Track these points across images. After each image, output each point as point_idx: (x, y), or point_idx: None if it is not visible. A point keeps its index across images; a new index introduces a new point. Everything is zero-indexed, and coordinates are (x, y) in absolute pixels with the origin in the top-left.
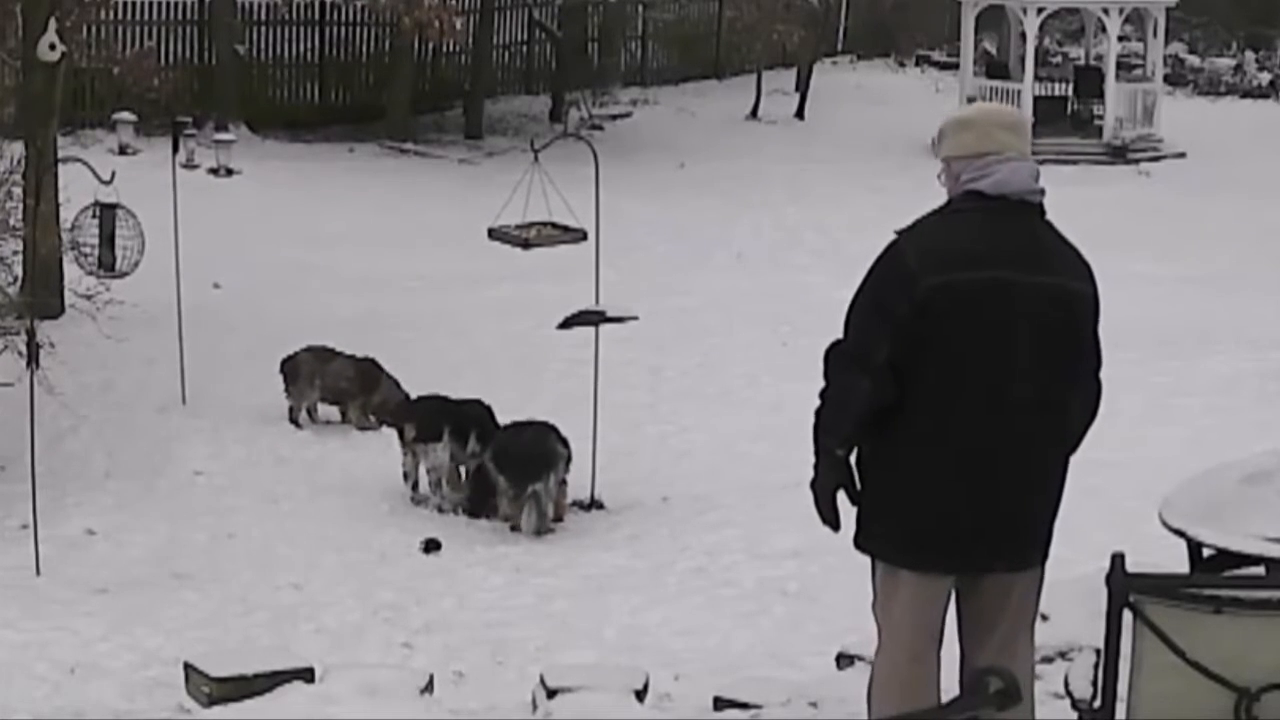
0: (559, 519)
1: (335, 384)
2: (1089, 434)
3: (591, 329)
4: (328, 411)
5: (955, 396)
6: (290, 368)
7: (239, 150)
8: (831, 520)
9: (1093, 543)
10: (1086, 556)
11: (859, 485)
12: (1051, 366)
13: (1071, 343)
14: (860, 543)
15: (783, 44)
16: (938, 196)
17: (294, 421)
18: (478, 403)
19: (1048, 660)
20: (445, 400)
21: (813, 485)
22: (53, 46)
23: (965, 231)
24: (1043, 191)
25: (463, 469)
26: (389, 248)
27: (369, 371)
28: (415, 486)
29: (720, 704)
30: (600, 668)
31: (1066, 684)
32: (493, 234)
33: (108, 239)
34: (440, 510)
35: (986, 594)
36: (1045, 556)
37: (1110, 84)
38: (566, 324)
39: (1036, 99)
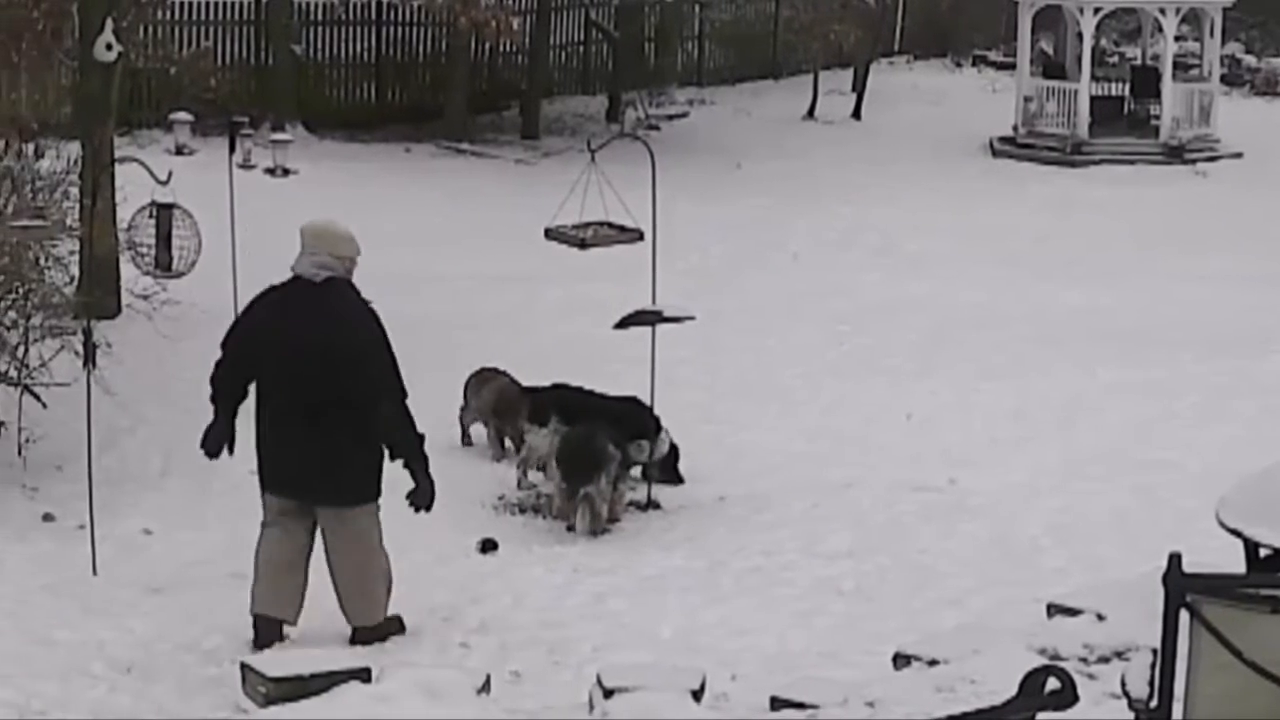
0: (615, 519)
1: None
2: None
3: (648, 329)
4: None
5: None
6: None
7: (296, 150)
8: None
9: (1149, 543)
10: (1143, 556)
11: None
12: None
13: None
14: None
15: (839, 44)
16: (994, 197)
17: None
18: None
19: (1104, 660)
20: (563, 389)
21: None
22: (109, 47)
23: None
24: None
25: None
26: (446, 248)
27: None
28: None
29: (777, 704)
30: (657, 668)
31: (1123, 684)
32: (550, 234)
33: (164, 239)
34: (519, 485)
35: None
36: None
37: (1167, 84)
38: (623, 324)
39: (1093, 99)
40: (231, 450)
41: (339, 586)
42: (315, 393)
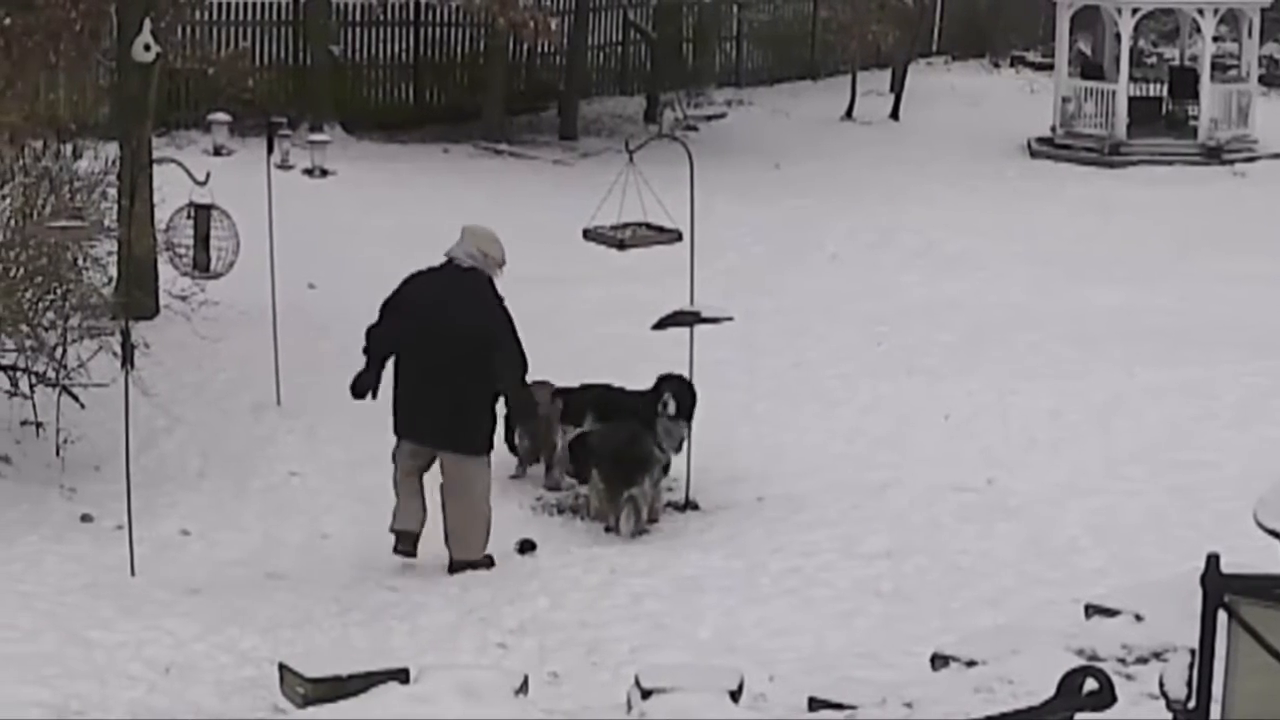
0: (654, 520)
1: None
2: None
3: (686, 330)
4: None
5: None
6: None
7: (334, 151)
8: None
9: (1187, 543)
10: (1181, 557)
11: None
12: None
13: None
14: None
15: (877, 44)
16: (1032, 198)
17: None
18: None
19: (1142, 661)
20: (600, 387)
21: None
22: (147, 47)
23: None
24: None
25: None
26: None
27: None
28: (522, 464)
29: (815, 704)
30: (695, 668)
31: (1161, 684)
32: (588, 235)
33: (202, 240)
34: (551, 489)
35: None
36: None
37: (1205, 84)
38: (661, 324)
39: (1131, 99)
40: (375, 395)
41: (447, 523)
42: (449, 357)
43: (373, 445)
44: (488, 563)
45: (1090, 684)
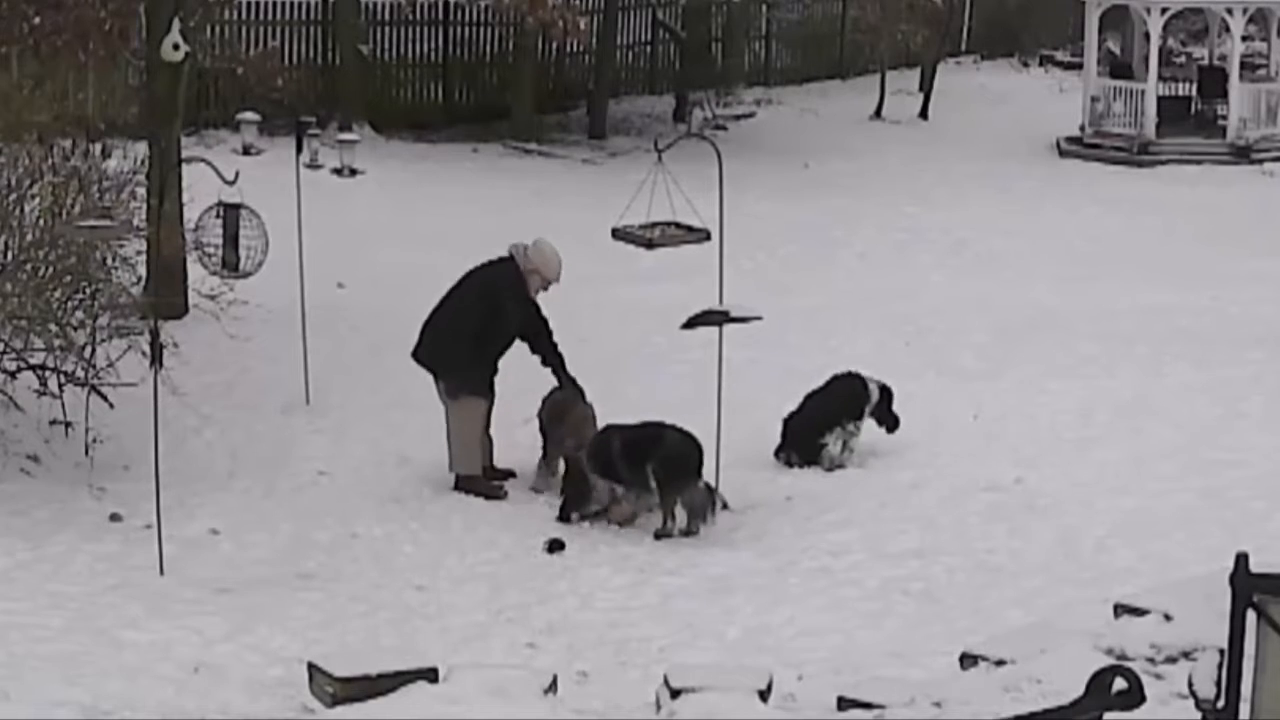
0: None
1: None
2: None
3: (715, 329)
4: None
5: None
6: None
7: (363, 150)
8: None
9: (1216, 542)
10: (1210, 556)
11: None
12: None
13: None
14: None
15: (906, 44)
16: (1061, 197)
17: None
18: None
19: (1171, 660)
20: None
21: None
22: (176, 47)
23: None
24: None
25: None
26: None
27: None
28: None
29: (844, 704)
30: (724, 668)
31: (1190, 684)
32: (616, 234)
33: (231, 239)
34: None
35: None
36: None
37: (1234, 84)
38: (690, 324)
39: (1160, 99)
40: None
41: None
42: (452, 305)
43: (400, 444)
44: (485, 492)
45: (1119, 683)
